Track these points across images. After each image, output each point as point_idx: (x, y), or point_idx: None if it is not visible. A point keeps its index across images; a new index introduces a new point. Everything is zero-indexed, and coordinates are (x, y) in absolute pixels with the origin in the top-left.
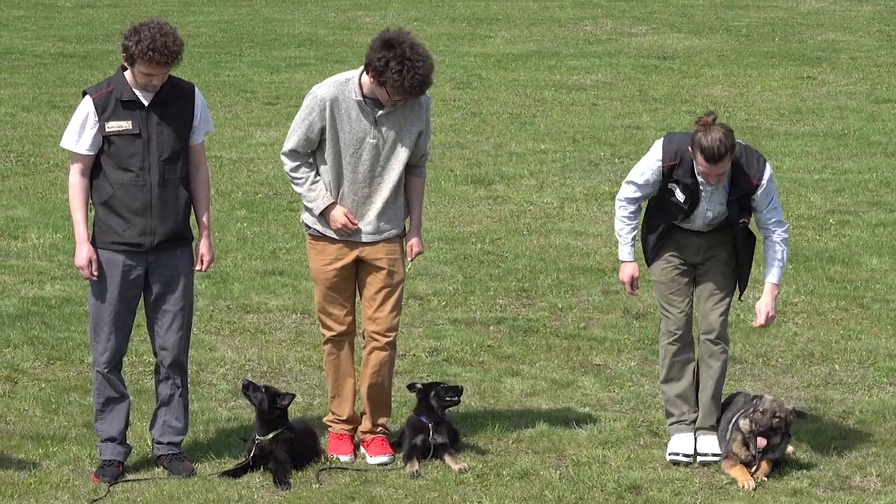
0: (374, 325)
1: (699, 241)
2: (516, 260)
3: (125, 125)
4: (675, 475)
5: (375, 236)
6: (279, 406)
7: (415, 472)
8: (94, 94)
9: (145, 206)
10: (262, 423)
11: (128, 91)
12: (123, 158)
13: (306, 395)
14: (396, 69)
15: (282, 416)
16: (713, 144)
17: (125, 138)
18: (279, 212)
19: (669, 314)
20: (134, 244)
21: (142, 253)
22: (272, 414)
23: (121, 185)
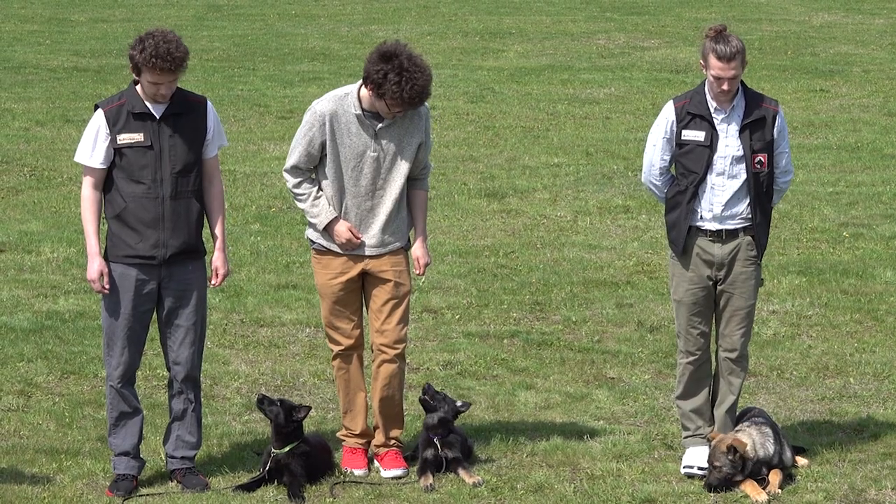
0: (381, 338)
1: (720, 252)
2: (530, 273)
3: (137, 137)
4: (690, 489)
5: (380, 249)
6: (295, 419)
7: (429, 485)
8: (105, 107)
9: (157, 219)
10: (277, 436)
11: (139, 103)
12: (135, 171)
13: (320, 408)
14: (395, 81)
15: (297, 429)
16: (725, 43)
17: (137, 150)
18: (293, 225)
19: (690, 335)
20: (147, 257)
21: (154, 266)
22: (288, 427)
23: (133, 198)
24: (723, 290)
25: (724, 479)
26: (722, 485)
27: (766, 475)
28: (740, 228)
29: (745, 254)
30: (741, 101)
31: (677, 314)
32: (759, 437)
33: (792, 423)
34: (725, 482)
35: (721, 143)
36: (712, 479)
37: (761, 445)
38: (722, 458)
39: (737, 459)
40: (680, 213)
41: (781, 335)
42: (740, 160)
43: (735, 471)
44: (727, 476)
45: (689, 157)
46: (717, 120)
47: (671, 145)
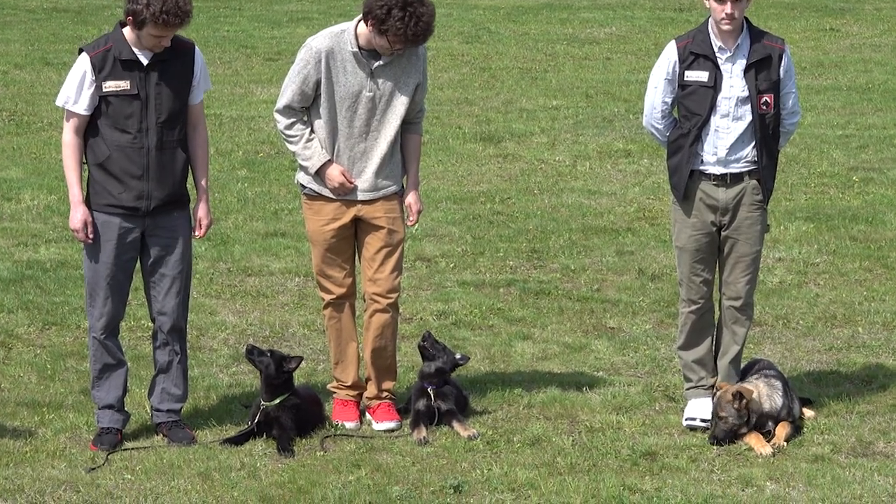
0: (374, 287)
1: (725, 196)
2: (527, 220)
3: (123, 85)
4: (692, 441)
5: (373, 194)
6: (286, 370)
7: (422, 438)
8: (91, 52)
9: (143, 170)
10: (267, 388)
11: (126, 49)
12: (120, 119)
13: (310, 360)
14: (399, 16)
15: (288, 381)
16: None
17: (123, 99)
18: (281, 171)
19: (692, 283)
20: (130, 208)
21: (138, 216)
22: (279, 379)
23: (118, 148)
24: (727, 236)
25: (729, 430)
26: (727, 437)
27: (772, 429)
28: (745, 172)
29: (751, 198)
30: (746, 39)
31: (679, 261)
32: (767, 390)
33: (798, 374)
34: (730, 434)
35: (725, 83)
36: (717, 431)
37: (768, 398)
38: (728, 408)
39: (742, 408)
40: (682, 156)
41: (788, 283)
42: (745, 101)
43: (741, 422)
44: (732, 427)
45: (692, 98)
46: (721, 60)
47: (673, 87)
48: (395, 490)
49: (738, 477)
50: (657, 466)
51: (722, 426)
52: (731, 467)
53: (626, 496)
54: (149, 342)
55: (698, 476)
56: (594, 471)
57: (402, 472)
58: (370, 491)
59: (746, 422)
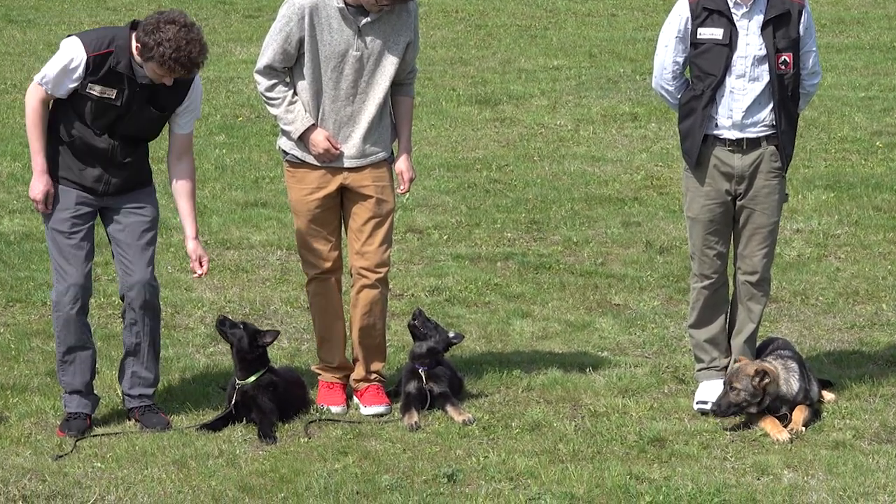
0: (362, 261)
1: (741, 163)
2: (526, 189)
3: (109, 93)
4: (704, 426)
5: (361, 161)
6: (261, 345)
7: (413, 423)
8: (90, 50)
9: (105, 164)
10: (241, 364)
11: (126, 62)
12: (93, 119)
13: (293, 339)
14: None
15: (263, 356)
16: None
17: (103, 103)
18: (262, 136)
19: (705, 257)
20: (89, 188)
21: (98, 194)
22: (252, 353)
23: (82, 139)
24: (743, 206)
25: (737, 404)
26: (731, 410)
27: (787, 413)
28: (763, 137)
29: (768, 165)
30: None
31: (691, 233)
32: (783, 373)
33: (818, 354)
34: (736, 409)
35: (741, 41)
36: (724, 401)
37: (784, 381)
38: (744, 381)
39: (759, 387)
40: (695, 120)
41: (807, 256)
42: (762, 60)
43: (752, 400)
44: (741, 403)
45: (705, 57)
46: (737, 16)
47: (685, 45)
48: (385, 479)
49: (753, 465)
50: (666, 453)
51: (731, 397)
52: (746, 454)
53: (632, 485)
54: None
55: (710, 464)
56: (598, 458)
57: (392, 459)
58: (358, 480)
59: (759, 402)
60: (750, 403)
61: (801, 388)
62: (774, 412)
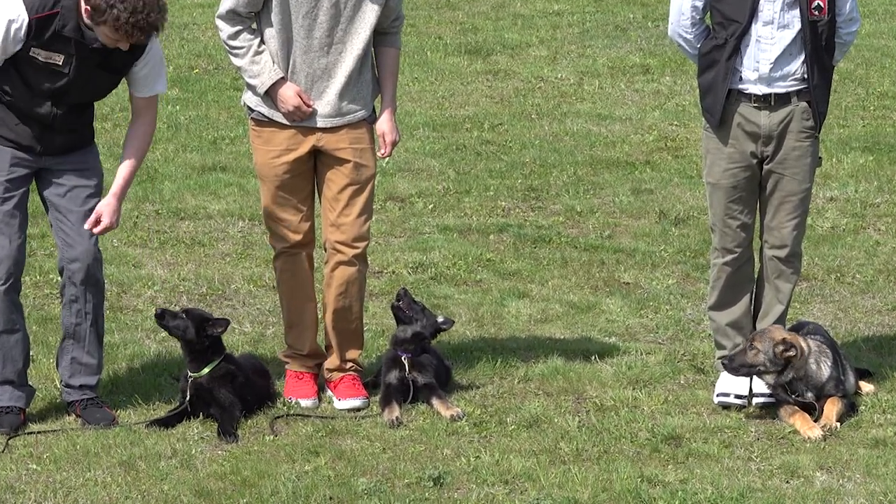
0: (337, 234)
1: (768, 122)
2: (523, 151)
3: (55, 59)
4: (725, 422)
5: (337, 120)
6: (210, 334)
7: (394, 419)
8: (32, 12)
9: (44, 127)
10: (191, 357)
11: (73, 24)
12: (36, 82)
13: (257, 322)
14: None
15: (215, 344)
16: None
17: (47, 69)
18: (221, 91)
19: (727, 228)
20: (26, 146)
21: (35, 153)
22: (201, 343)
23: (22, 99)
24: (770, 170)
25: (752, 365)
26: (744, 370)
27: (813, 402)
28: (793, 92)
29: (800, 124)
30: None
31: (712, 202)
32: (816, 355)
33: (855, 340)
34: (750, 369)
35: None
36: (738, 356)
37: (815, 363)
38: (766, 344)
39: (780, 356)
40: (717, 73)
41: (842, 228)
42: (793, 5)
43: (770, 367)
44: (758, 366)
45: (728, 1)
46: None
47: None
48: (362, 482)
49: (781, 466)
50: (682, 453)
51: (748, 356)
52: (773, 454)
53: (643, 489)
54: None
55: (732, 465)
56: (605, 458)
57: (370, 460)
58: (331, 483)
59: (779, 372)
60: (767, 370)
61: (832, 377)
62: (796, 394)
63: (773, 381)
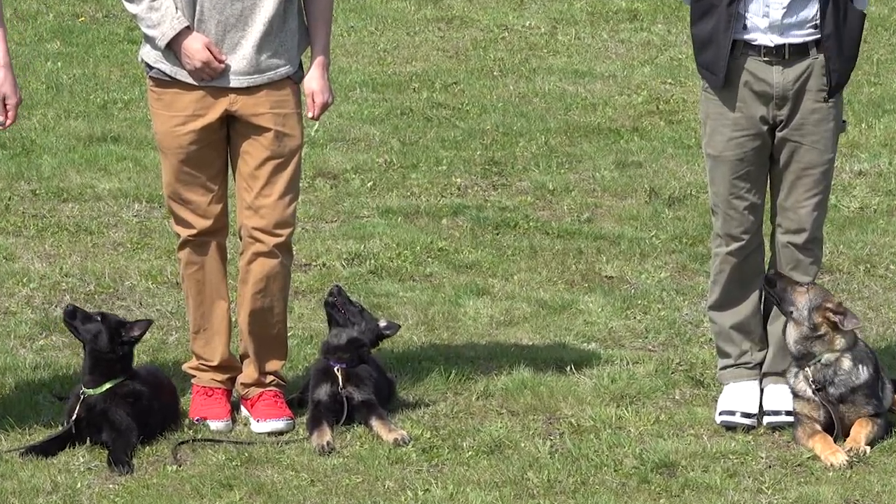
0: (256, 219)
1: (781, 79)
2: (483, 116)
3: None
4: (730, 446)
5: (254, 78)
6: (125, 341)
7: (325, 444)
8: None
9: None
10: (94, 369)
11: None
12: None
13: (157, 327)
14: None
15: (126, 358)
16: None
17: None
18: (112, 44)
19: (733, 210)
20: None
21: None
22: (113, 354)
23: None
24: (785, 138)
25: (787, 301)
26: (777, 295)
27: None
28: (811, 42)
29: (819, 81)
30: None
31: (714, 178)
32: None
33: (888, 345)
34: (780, 298)
35: None
36: (785, 282)
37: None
38: (818, 298)
39: (826, 323)
40: (717, 21)
41: (872, 209)
42: None
43: (806, 330)
44: (792, 306)
45: None
46: None
47: None
48: None
49: (797, 499)
50: (677, 484)
51: (794, 291)
52: (788, 485)
53: None
54: None
55: (738, 498)
56: (583, 491)
57: (295, 495)
58: None
59: (815, 338)
60: (796, 320)
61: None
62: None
63: (798, 337)
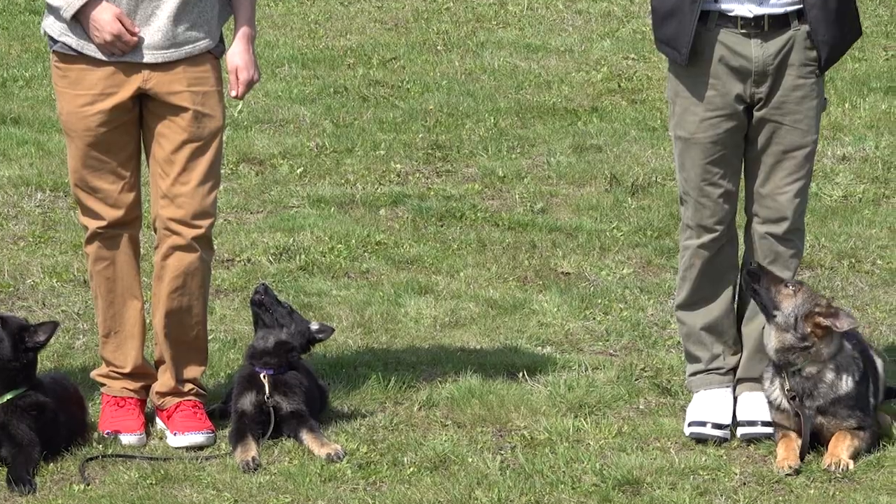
0: (172, 209)
1: (760, 53)
2: (425, 95)
3: None
4: (700, 461)
5: (170, 52)
6: (30, 347)
7: (250, 460)
8: None
9: None
10: None
11: None
12: None
13: (62, 330)
14: None
15: (30, 366)
16: None
17: None
18: (12, 15)
19: (705, 198)
20: None
21: None
22: (16, 362)
23: None
24: (764, 118)
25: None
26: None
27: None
28: (792, 12)
29: (802, 55)
30: None
31: (683, 163)
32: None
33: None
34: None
35: None
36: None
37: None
38: (808, 303)
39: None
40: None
41: (857, 198)
42: None
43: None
44: (775, 308)
45: None
46: None
47: None
48: None
49: None
50: (642, 503)
51: (778, 292)
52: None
53: None
54: None
55: None
56: None
57: None
58: None
59: (800, 349)
60: (780, 327)
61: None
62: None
63: (780, 346)
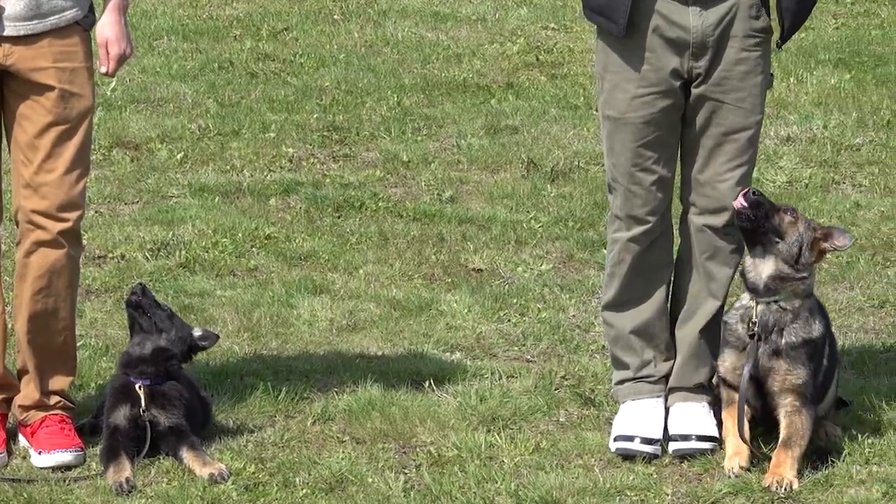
0: (36, 199)
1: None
2: (321, 71)
3: None
4: (628, 480)
5: (34, 25)
6: None
7: (124, 481)
8: None
9: None
10: None
11: None
12: None
13: None
14: None
15: None
16: None
17: None
18: None
19: (637, 185)
20: None
21: None
22: None
23: None
24: (703, 95)
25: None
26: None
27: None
28: None
29: (746, 25)
30: None
31: (612, 146)
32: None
33: None
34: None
35: None
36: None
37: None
38: (792, 233)
39: (813, 261)
40: None
41: (803, 184)
42: None
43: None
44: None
45: None
46: None
47: None
48: None
49: None
50: None
51: (781, 218)
52: None
53: None
54: None
55: None
56: None
57: None
58: None
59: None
60: (788, 250)
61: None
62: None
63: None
